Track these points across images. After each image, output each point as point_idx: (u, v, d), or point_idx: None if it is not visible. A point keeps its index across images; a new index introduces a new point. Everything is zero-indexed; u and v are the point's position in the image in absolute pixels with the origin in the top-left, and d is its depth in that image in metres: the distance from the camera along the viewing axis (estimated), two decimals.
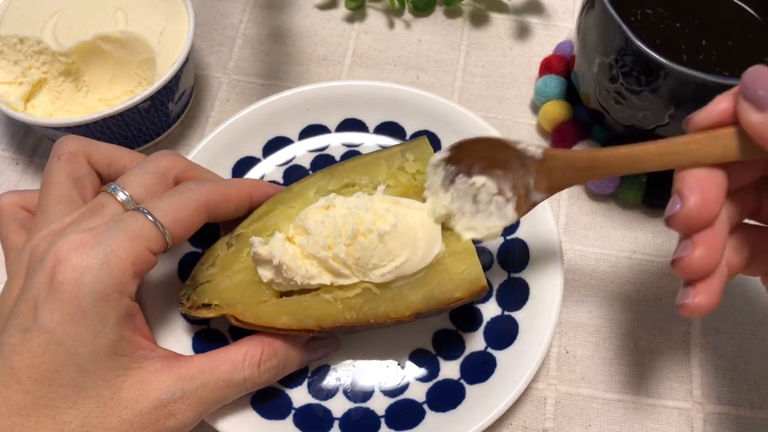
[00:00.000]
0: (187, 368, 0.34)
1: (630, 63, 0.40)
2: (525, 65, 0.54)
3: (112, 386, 0.31)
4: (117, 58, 0.45)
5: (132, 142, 0.48)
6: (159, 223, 0.33)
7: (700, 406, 0.41)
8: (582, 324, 0.44)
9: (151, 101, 0.45)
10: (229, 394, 0.35)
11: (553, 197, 0.48)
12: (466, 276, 0.35)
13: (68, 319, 0.30)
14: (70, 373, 0.30)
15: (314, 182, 0.39)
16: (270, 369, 0.36)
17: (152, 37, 0.46)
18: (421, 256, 0.35)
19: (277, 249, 0.35)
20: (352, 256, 0.35)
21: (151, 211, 0.33)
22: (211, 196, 0.36)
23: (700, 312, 0.30)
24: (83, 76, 0.46)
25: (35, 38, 0.44)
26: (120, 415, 0.31)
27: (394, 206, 0.36)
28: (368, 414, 0.39)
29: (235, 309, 0.36)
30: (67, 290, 0.30)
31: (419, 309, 0.35)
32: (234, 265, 0.38)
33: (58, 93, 0.45)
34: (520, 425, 0.41)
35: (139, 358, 0.33)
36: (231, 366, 0.35)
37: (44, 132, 0.46)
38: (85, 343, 0.30)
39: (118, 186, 0.35)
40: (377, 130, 0.48)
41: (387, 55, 0.54)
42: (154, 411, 0.32)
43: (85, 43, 0.44)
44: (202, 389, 0.34)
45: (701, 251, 0.29)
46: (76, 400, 0.31)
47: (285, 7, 0.57)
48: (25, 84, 0.44)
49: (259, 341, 0.36)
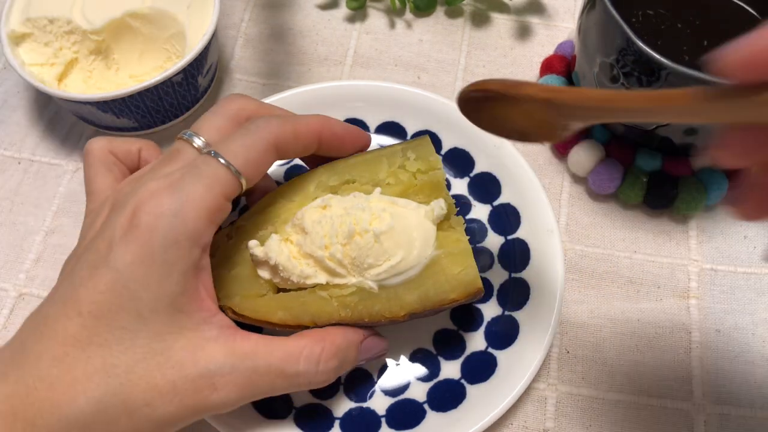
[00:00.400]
0: (241, 345, 0.33)
1: (631, 63, 0.40)
2: (526, 65, 0.54)
3: (164, 341, 0.31)
4: (145, 34, 0.46)
5: (164, 117, 0.48)
6: (232, 166, 0.33)
7: (701, 406, 0.41)
8: (583, 324, 0.44)
9: (183, 74, 0.46)
10: (279, 386, 0.34)
11: (554, 198, 0.48)
12: (462, 277, 0.35)
13: (138, 261, 0.30)
14: (128, 317, 0.30)
15: (315, 177, 0.39)
16: (329, 370, 0.35)
17: (180, 11, 0.46)
18: (416, 256, 0.35)
19: (273, 251, 0.35)
20: (348, 256, 0.35)
21: (222, 154, 0.33)
22: (280, 134, 0.35)
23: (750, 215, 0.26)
24: (113, 53, 0.46)
25: (65, 18, 0.45)
26: (165, 373, 0.31)
27: (390, 206, 0.36)
28: (369, 414, 0.39)
29: (232, 301, 0.36)
30: (141, 234, 0.30)
31: (414, 309, 0.35)
32: (233, 257, 0.37)
33: (90, 72, 0.46)
34: (521, 425, 0.41)
35: (198, 320, 0.32)
36: (286, 355, 0.33)
37: (80, 109, 0.46)
38: (149, 288, 0.30)
39: (192, 132, 0.35)
40: (378, 130, 0.48)
41: (388, 55, 0.54)
42: (199, 379, 0.31)
43: (115, 21, 0.45)
44: (252, 371, 0.32)
45: None
46: (129, 346, 0.30)
47: (286, 6, 0.57)
48: (58, 65, 0.45)
49: (320, 338, 0.35)
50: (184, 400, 0.31)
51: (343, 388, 0.40)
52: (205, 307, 0.33)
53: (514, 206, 0.45)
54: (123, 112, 0.46)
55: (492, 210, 0.45)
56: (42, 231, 0.47)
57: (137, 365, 0.31)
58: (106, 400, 0.30)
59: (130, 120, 0.47)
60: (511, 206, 0.45)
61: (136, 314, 0.30)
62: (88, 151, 0.36)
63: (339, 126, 0.38)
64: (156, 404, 0.31)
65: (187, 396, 0.31)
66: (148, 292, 0.30)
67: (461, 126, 0.46)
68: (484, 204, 0.46)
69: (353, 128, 0.39)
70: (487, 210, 0.46)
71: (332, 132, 0.38)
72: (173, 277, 0.31)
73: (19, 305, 0.44)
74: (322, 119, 0.37)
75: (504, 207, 0.45)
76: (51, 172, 0.49)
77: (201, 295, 0.32)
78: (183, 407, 0.31)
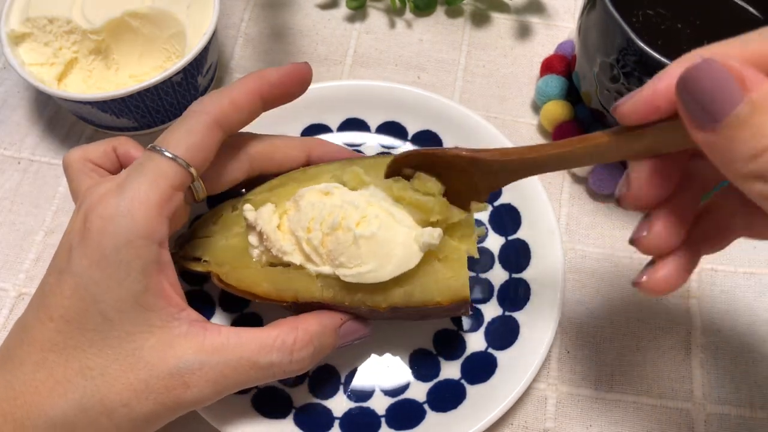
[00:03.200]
0: (211, 340, 0.33)
1: (631, 63, 0.40)
2: (526, 65, 0.54)
3: (134, 342, 0.31)
4: (145, 34, 0.46)
5: (164, 117, 0.48)
6: (174, 156, 0.32)
7: (701, 406, 0.41)
8: (583, 324, 0.44)
9: (183, 74, 0.46)
10: (253, 377, 0.34)
11: (554, 197, 0.48)
12: (452, 283, 0.35)
13: (93, 265, 0.31)
14: (95, 319, 0.31)
15: (331, 170, 0.38)
16: (304, 359, 0.34)
17: (180, 11, 0.46)
18: (389, 272, 0.34)
19: (262, 218, 0.35)
20: (326, 247, 0.34)
21: (163, 147, 0.33)
22: (218, 109, 0.34)
23: (657, 290, 0.30)
24: (112, 53, 0.46)
25: (65, 18, 0.45)
26: (138, 374, 0.31)
27: (385, 215, 0.35)
28: (369, 414, 0.39)
29: (221, 269, 0.37)
30: (93, 237, 0.31)
31: (396, 303, 0.35)
32: (233, 227, 0.38)
33: (89, 71, 0.46)
34: (521, 425, 0.41)
35: (166, 317, 0.32)
36: (258, 347, 0.33)
37: (79, 109, 0.46)
38: (110, 290, 0.31)
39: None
40: (379, 130, 0.48)
41: (388, 54, 0.54)
42: (169, 378, 0.32)
43: (114, 20, 0.45)
44: (224, 366, 0.32)
45: (659, 227, 0.30)
46: (102, 347, 0.31)
47: (286, 6, 0.57)
48: (57, 64, 0.45)
49: (293, 327, 0.34)
50: (159, 398, 0.32)
51: (342, 388, 0.40)
52: (173, 303, 0.33)
53: (514, 206, 0.45)
54: (123, 111, 0.46)
55: (493, 210, 0.45)
56: (42, 231, 0.47)
57: (110, 366, 0.31)
58: (85, 402, 0.31)
59: (129, 120, 0.47)
60: (511, 206, 0.45)
61: (101, 317, 0.31)
62: (65, 165, 0.36)
63: (274, 74, 0.36)
64: (133, 404, 0.31)
65: (161, 394, 0.32)
66: (110, 294, 0.31)
67: (461, 126, 0.46)
68: None
69: (288, 67, 0.37)
70: (487, 210, 0.46)
71: (270, 83, 0.36)
72: (132, 276, 0.31)
73: (19, 305, 0.44)
74: (254, 76, 0.36)
75: (504, 207, 0.45)
76: (51, 172, 0.49)
77: (166, 290, 0.32)
78: (159, 405, 0.32)
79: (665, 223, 0.30)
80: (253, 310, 0.42)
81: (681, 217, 0.30)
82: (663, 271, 0.30)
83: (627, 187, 0.30)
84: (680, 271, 0.30)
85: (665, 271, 0.30)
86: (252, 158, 0.38)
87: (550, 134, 0.50)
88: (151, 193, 0.32)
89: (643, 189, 0.29)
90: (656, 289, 0.30)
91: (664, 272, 0.30)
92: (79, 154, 0.36)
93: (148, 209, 0.31)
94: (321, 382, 0.40)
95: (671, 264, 0.30)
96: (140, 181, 0.32)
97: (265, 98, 0.36)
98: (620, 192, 0.30)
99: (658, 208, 0.30)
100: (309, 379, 0.40)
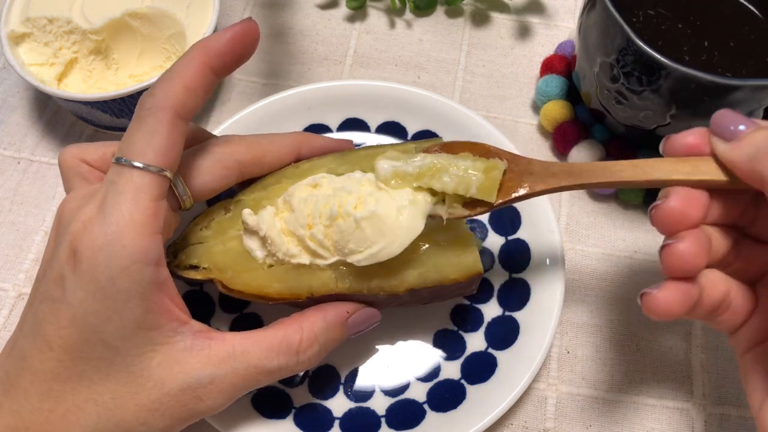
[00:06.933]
0: (217, 350, 0.32)
1: (631, 63, 0.40)
2: (526, 65, 0.54)
3: (141, 363, 0.31)
4: (145, 34, 0.46)
5: None
6: (145, 165, 0.30)
7: (701, 406, 0.41)
8: (583, 324, 0.44)
9: None
10: (263, 381, 0.34)
11: (554, 198, 0.48)
12: (463, 259, 0.35)
13: (90, 297, 0.30)
14: (98, 348, 0.30)
15: (325, 164, 0.38)
16: (311, 357, 0.34)
17: (180, 11, 0.47)
18: (399, 245, 0.34)
19: (265, 222, 0.35)
20: (331, 238, 0.34)
21: (130, 158, 0.31)
22: (172, 97, 0.31)
23: (657, 307, 0.30)
24: (112, 53, 0.46)
25: (65, 18, 0.45)
26: (149, 393, 0.31)
27: (378, 191, 0.35)
28: (369, 414, 0.39)
29: (224, 275, 0.36)
30: (85, 269, 0.30)
31: (413, 285, 0.35)
32: (229, 231, 0.37)
33: (89, 71, 0.46)
34: (521, 425, 0.41)
35: (169, 332, 0.32)
36: (265, 352, 0.33)
37: (79, 109, 0.47)
38: (110, 321, 0.30)
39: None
40: (379, 130, 0.48)
41: (388, 54, 0.54)
42: (181, 394, 0.32)
43: (114, 21, 0.45)
44: (233, 375, 0.32)
45: (688, 243, 0.30)
46: (108, 373, 0.31)
47: (286, 6, 0.57)
48: (57, 65, 0.45)
49: (298, 326, 0.34)
50: (174, 413, 0.32)
51: (342, 388, 0.40)
52: (175, 318, 0.32)
53: (514, 206, 0.45)
54: (122, 112, 0.46)
55: (493, 210, 0.45)
56: (42, 231, 0.47)
57: (120, 390, 0.31)
58: (101, 427, 0.31)
59: (129, 120, 0.47)
60: (511, 206, 0.45)
61: (103, 345, 0.30)
62: (60, 162, 0.35)
63: (220, 42, 0.33)
64: (150, 422, 0.31)
65: (176, 410, 0.32)
66: (110, 324, 0.30)
67: (461, 126, 0.46)
68: None
69: (232, 30, 0.33)
70: None
71: (218, 53, 0.33)
72: (132, 303, 0.30)
73: (18, 305, 0.44)
74: (199, 50, 0.33)
75: (505, 207, 0.45)
76: (50, 172, 0.49)
77: (168, 307, 0.32)
78: (175, 419, 0.32)
79: (695, 240, 0.30)
80: (253, 310, 0.42)
81: (707, 243, 0.31)
82: (667, 292, 0.31)
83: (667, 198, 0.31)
84: (685, 300, 0.31)
85: (670, 293, 0.31)
86: (241, 164, 0.36)
87: (550, 134, 0.50)
88: (135, 214, 0.30)
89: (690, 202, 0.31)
90: (656, 307, 0.31)
91: (670, 293, 0.31)
92: (74, 153, 0.35)
93: (136, 232, 0.30)
94: (321, 382, 0.40)
95: (682, 288, 0.31)
96: (119, 202, 0.30)
97: (216, 71, 0.33)
98: (656, 203, 0.31)
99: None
100: (309, 379, 0.40)
